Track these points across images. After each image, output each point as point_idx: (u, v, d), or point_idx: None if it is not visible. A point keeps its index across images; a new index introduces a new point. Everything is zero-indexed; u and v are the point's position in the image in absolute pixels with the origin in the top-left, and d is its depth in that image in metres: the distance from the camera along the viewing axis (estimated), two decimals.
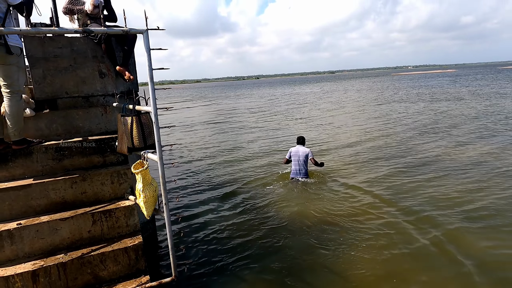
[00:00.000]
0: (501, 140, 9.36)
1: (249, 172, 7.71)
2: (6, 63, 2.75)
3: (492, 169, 6.82)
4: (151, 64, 2.38)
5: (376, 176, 6.85)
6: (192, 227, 4.83)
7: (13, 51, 2.72)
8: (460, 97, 22.40)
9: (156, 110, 2.45)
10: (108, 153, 3.30)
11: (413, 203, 5.37)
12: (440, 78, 57.36)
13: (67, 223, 2.79)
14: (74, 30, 2.24)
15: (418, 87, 35.93)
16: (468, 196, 5.55)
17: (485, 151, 8.28)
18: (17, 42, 2.82)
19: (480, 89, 27.63)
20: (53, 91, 3.34)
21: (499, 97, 20.75)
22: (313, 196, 5.95)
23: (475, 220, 4.68)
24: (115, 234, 2.97)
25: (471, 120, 13.00)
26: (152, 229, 4.24)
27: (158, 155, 2.53)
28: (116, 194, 3.15)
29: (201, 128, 15.26)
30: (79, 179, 2.99)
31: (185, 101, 36.82)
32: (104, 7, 3.70)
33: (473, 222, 4.64)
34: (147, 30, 2.37)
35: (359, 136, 11.36)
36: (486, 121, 12.44)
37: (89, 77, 3.44)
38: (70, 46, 3.32)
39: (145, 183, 2.64)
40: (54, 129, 3.31)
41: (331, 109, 20.73)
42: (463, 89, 28.28)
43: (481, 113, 14.41)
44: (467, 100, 20.29)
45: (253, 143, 11.21)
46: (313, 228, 4.68)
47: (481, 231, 4.39)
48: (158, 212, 2.74)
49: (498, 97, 20.48)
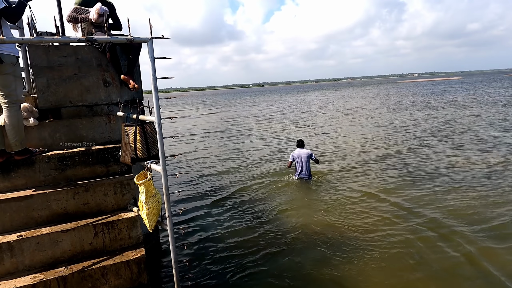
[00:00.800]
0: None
1: (255, 181, 7.64)
2: (1, 72, 2.65)
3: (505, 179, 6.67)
4: (155, 73, 2.34)
5: (391, 184, 6.75)
6: (196, 240, 4.73)
7: (5, 60, 2.61)
8: (468, 104, 22.21)
9: (160, 120, 2.40)
10: (112, 163, 3.24)
11: (434, 213, 5.26)
12: (447, 85, 56.98)
13: (69, 235, 2.72)
14: (77, 39, 2.21)
15: (429, 94, 35.74)
16: (487, 206, 5.43)
17: (497, 161, 8.11)
18: (11, 50, 2.70)
19: (494, 96, 27.34)
20: (57, 100, 3.30)
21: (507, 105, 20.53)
22: (322, 204, 5.87)
23: (498, 233, 4.53)
24: (117, 247, 2.90)
25: (481, 127, 12.82)
26: (156, 240, 4.16)
27: (162, 166, 2.47)
28: (119, 205, 3.09)
29: (204, 136, 15.21)
30: (81, 189, 2.94)
31: (190, 109, 36.90)
32: (109, 16, 3.69)
33: (496, 236, 4.49)
34: (152, 38, 2.32)
35: (368, 143, 11.25)
36: (493, 129, 12.27)
37: (93, 85, 3.41)
38: (75, 55, 3.30)
39: (148, 195, 2.57)
40: (58, 138, 3.26)
41: (336, 116, 20.64)
42: (478, 97, 27.90)
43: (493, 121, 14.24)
44: (475, 107, 20.10)
45: (258, 151, 11.15)
46: (327, 239, 4.58)
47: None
48: (161, 225, 2.66)
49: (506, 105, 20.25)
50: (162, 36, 2.34)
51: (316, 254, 4.20)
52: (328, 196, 6.30)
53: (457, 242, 4.33)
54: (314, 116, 21.35)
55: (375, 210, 5.51)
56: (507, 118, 14.80)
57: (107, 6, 3.52)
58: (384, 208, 5.58)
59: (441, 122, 15.06)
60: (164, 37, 2.33)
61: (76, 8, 3.44)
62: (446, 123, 14.67)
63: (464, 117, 16.10)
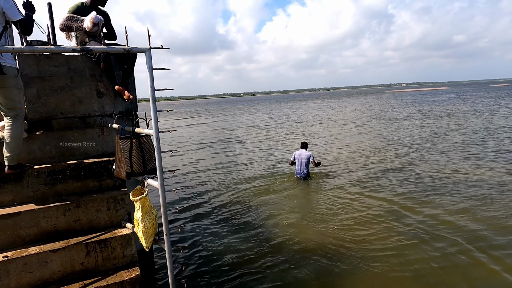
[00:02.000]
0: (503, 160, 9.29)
1: (254, 194, 7.44)
2: (5, 85, 2.57)
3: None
4: (153, 85, 2.24)
5: (392, 192, 6.72)
6: (195, 258, 4.51)
7: (7, 71, 2.53)
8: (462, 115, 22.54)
9: (158, 133, 2.29)
10: (105, 177, 3.11)
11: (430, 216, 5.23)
12: (436, 95, 57.85)
13: (58, 255, 2.56)
14: (71, 48, 2.09)
15: (423, 105, 36.27)
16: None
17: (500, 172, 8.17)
18: (12, 62, 2.63)
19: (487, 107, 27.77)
20: (47, 112, 3.16)
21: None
22: (321, 212, 5.80)
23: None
24: (111, 266, 2.75)
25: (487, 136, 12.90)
26: (149, 257, 3.99)
27: (159, 182, 2.35)
28: (112, 222, 2.94)
29: (200, 148, 14.84)
30: (72, 205, 2.79)
31: (182, 119, 36.59)
32: (104, 25, 3.59)
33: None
34: (150, 49, 2.23)
35: (367, 151, 11.24)
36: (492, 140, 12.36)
37: (86, 96, 3.28)
38: (67, 65, 3.18)
39: (145, 211, 2.45)
40: (48, 151, 3.11)
41: (329, 125, 20.71)
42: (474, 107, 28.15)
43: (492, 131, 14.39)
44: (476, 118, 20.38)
45: (255, 163, 10.90)
46: (326, 250, 4.49)
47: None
48: (158, 243, 2.53)
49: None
50: (162, 46, 2.25)
51: (315, 267, 4.10)
52: (326, 204, 6.35)
53: (455, 254, 4.29)
54: (311, 126, 21.33)
55: (374, 217, 5.48)
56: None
57: (102, 15, 3.43)
58: (383, 215, 5.56)
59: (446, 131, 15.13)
60: (163, 47, 2.24)
61: (70, 16, 3.34)
62: (448, 133, 14.74)
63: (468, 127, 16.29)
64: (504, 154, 9.85)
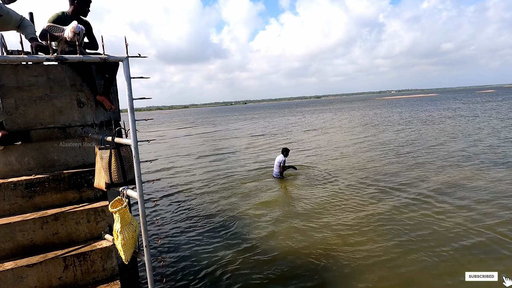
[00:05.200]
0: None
1: (236, 202, 7.40)
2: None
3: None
4: (131, 94, 2.20)
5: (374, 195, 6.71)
6: (177, 270, 4.33)
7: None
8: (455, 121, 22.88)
9: (137, 143, 2.25)
10: (85, 188, 3.04)
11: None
12: (427, 102, 58.53)
13: (35, 270, 2.48)
14: (46, 58, 2.05)
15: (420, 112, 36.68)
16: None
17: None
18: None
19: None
20: (26, 122, 3.10)
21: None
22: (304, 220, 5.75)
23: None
24: (90, 280, 2.67)
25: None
26: (133, 269, 3.89)
27: (139, 192, 2.30)
28: (93, 234, 2.87)
29: (186, 158, 14.54)
30: (50, 218, 2.71)
31: (172, 129, 36.31)
32: (85, 35, 3.56)
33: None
34: (128, 57, 2.20)
35: (364, 163, 11.28)
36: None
37: (66, 106, 3.23)
38: (47, 74, 3.12)
39: (124, 223, 2.38)
40: (26, 163, 3.04)
41: (319, 133, 20.81)
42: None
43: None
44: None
45: (237, 170, 10.89)
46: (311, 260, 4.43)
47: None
48: (138, 256, 2.46)
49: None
50: (139, 55, 2.22)
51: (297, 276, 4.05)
52: (308, 206, 6.44)
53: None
54: (298, 134, 21.40)
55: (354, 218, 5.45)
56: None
57: (83, 25, 3.39)
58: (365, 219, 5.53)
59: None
60: (140, 56, 2.21)
61: (50, 26, 3.29)
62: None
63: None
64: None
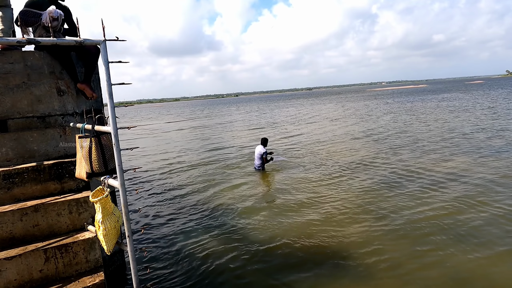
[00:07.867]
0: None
1: (220, 192, 7.38)
2: None
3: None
4: (109, 79, 2.12)
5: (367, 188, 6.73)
6: (161, 261, 4.28)
7: None
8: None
9: (117, 130, 2.17)
10: (67, 179, 2.95)
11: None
12: (419, 93, 58.57)
13: (14, 263, 2.40)
14: (17, 40, 1.95)
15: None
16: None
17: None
18: None
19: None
20: (2, 111, 2.98)
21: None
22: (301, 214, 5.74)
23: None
24: (73, 272, 2.60)
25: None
26: (120, 261, 3.84)
27: (120, 181, 2.23)
28: (75, 226, 2.79)
29: (173, 149, 14.55)
30: (30, 210, 2.62)
31: (161, 122, 35.96)
32: (65, 21, 3.43)
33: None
34: (105, 40, 2.11)
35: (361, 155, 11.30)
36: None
37: (45, 95, 3.12)
38: (24, 61, 3.00)
39: (106, 213, 2.32)
40: (4, 153, 2.93)
41: (308, 125, 20.83)
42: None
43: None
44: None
45: (223, 161, 10.87)
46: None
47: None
48: (121, 246, 2.41)
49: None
50: (117, 38, 2.13)
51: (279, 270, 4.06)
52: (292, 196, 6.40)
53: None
54: (288, 126, 21.38)
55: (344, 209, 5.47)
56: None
57: (62, 10, 3.26)
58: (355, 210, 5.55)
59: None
60: (118, 39, 2.12)
61: (26, 10, 3.16)
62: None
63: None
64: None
